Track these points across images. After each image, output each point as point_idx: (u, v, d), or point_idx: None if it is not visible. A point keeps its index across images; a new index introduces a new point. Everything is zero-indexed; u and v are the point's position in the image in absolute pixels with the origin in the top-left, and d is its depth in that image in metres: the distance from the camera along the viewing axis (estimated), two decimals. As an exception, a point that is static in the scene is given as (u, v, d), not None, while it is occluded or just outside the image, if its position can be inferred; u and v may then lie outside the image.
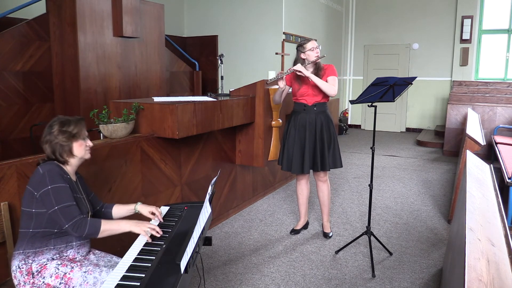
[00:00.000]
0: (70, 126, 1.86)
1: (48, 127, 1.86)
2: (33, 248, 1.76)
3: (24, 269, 1.73)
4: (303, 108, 3.28)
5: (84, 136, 1.90)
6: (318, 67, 3.23)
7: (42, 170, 1.75)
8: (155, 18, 5.21)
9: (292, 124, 3.33)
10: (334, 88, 3.17)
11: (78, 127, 1.88)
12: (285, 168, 3.37)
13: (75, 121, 1.88)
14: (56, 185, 1.73)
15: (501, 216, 1.85)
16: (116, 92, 4.75)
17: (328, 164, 3.28)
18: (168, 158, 3.11)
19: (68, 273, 1.74)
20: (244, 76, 6.85)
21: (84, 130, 1.92)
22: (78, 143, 1.86)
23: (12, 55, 4.16)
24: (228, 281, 2.78)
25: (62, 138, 1.83)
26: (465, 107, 6.73)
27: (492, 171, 2.66)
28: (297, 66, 3.12)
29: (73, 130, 1.85)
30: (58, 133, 1.83)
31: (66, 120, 1.87)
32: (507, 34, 8.43)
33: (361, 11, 9.73)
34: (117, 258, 1.95)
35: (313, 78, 3.12)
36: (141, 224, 1.84)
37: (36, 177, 1.76)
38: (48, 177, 1.73)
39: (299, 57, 3.25)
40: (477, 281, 1.19)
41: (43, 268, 1.74)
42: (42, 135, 1.85)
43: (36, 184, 1.74)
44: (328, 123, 3.29)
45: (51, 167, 1.77)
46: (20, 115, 4.29)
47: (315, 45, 3.20)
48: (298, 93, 3.28)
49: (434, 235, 3.55)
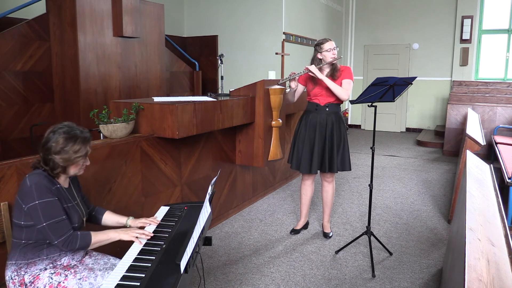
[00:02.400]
0: (75, 145, 1.71)
1: (51, 133, 1.72)
2: (25, 259, 1.71)
3: (17, 281, 1.70)
4: (315, 108, 3.27)
5: (85, 157, 1.77)
6: (335, 68, 3.21)
7: (29, 183, 1.66)
8: (155, 18, 5.22)
9: (303, 123, 3.33)
10: (347, 93, 3.16)
11: (82, 149, 1.74)
12: (294, 166, 3.37)
13: (81, 140, 1.74)
14: (44, 200, 1.65)
15: (501, 216, 1.85)
16: (116, 92, 4.75)
17: (336, 166, 3.25)
18: (168, 158, 3.11)
19: (62, 281, 1.71)
20: (244, 76, 6.85)
21: (88, 150, 1.78)
22: (75, 165, 1.76)
23: (12, 55, 4.16)
24: (228, 281, 2.78)
25: (60, 157, 1.70)
26: (465, 107, 6.73)
27: (492, 171, 2.66)
28: (311, 67, 3.12)
29: (75, 152, 1.72)
30: (59, 150, 1.69)
31: (73, 136, 1.72)
32: (507, 34, 8.43)
33: (361, 11, 9.73)
34: (115, 259, 1.93)
35: (325, 80, 3.12)
36: (129, 231, 1.83)
37: (23, 189, 1.68)
38: (35, 191, 1.65)
39: (316, 56, 3.24)
40: (477, 281, 1.19)
41: (36, 278, 1.70)
42: (44, 137, 1.73)
43: (23, 197, 1.67)
44: (340, 124, 3.27)
45: (39, 180, 1.67)
46: (20, 115, 4.29)
47: (333, 46, 3.17)
48: (312, 93, 3.28)
49: (434, 235, 3.55)
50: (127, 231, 1.83)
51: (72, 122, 1.81)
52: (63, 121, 1.80)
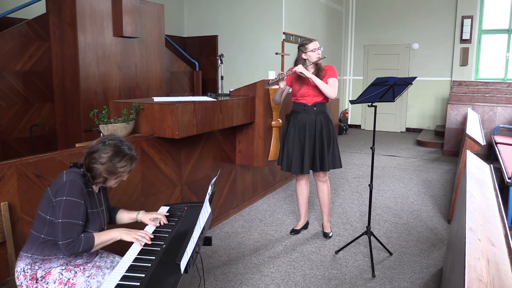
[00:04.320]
0: (121, 161, 1.77)
1: (100, 143, 1.77)
2: (42, 255, 1.74)
3: (29, 274, 1.72)
4: (303, 108, 3.28)
5: (128, 173, 1.83)
6: (319, 68, 3.23)
7: (65, 179, 1.71)
8: (155, 18, 5.21)
9: (291, 124, 3.33)
10: (334, 91, 3.18)
11: (127, 167, 1.79)
12: (284, 168, 3.37)
13: (128, 158, 1.79)
14: (71, 199, 1.69)
15: (501, 216, 1.85)
16: (116, 92, 4.75)
17: (328, 165, 3.28)
18: (168, 158, 3.11)
19: (72, 278, 1.74)
20: (244, 76, 6.85)
21: (132, 168, 1.83)
22: (114, 178, 1.81)
23: (12, 55, 4.15)
24: (228, 281, 2.78)
25: (104, 169, 1.75)
26: (465, 107, 6.73)
27: (492, 171, 2.66)
28: (299, 67, 3.13)
29: (120, 168, 1.77)
30: (105, 161, 1.74)
31: (122, 153, 1.78)
32: (507, 34, 8.43)
33: (361, 11, 9.73)
34: (120, 257, 1.94)
35: (314, 79, 3.12)
36: (131, 232, 1.83)
37: (58, 183, 1.72)
38: (68, 188, 1.69)
39: (300, 57, 3.25)
40: (477, 281, 1.19)
41: (47, 273, 1.73)
42: (92, 145, 1.78)
43: (56, 191, 1.71)
44: (328, 124, 3.29)
45: (75, 179, 1.73)
46: (20, 115, 4.29)
47: (317, 46, 3.19)
48: (298, 93, 3.28)
49: (434, 235, 3.55)
50: (129, 231, 1.83)
51: (123, 137, 1.87)
52: (112, 134, 1.88)
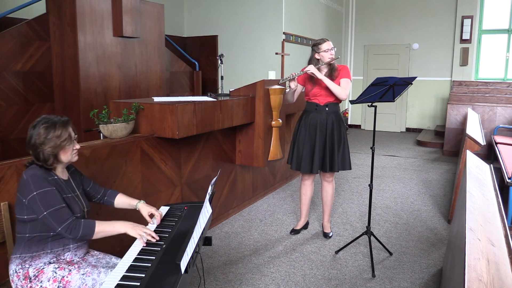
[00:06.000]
0: (56, 130, 1.73)
1: (31, 128, 1.74)
2: (30, 252, 1.73)
3: (21, 274, 1.72)
4: (315, 107, 3.27)
5: (71, 140, 1.78)
6: (332, 68, 3.22)
7: (25, 176, 1.70)
8: (155, 18, 5.21)
9: (303, 124, 3.33)
10: (346, 92, 3.17)
11: (64, 132, 1.75)
12: (294, 167, 3.37)
13: (60, 124, 1.75)
14: (42, 190, 1.68)
15: (501, 216, 1.85)
16: (116, 92, 4.75)
17: (337, 165, 3.26)
18: (168, 158, 3.11)
19: (66, 276, 1.72)
20: (244, 76, 6.85)
21: (71, 133, 1.79)
22: (64, 150, 1.76)
23: (12, 55, 4.15)
24: (228, 281, 2.78)
25: (47, 147, 1.72)
26: (465, 107, 6.73)
27: (492, 171, 2.66)
28: (310, 67, 3.13)
29: (58, 137, 1.73)
30: (43, 140, 1.71)
31: (52, 123, 1.74)
32: (507, 34, 8.43)
33: (361, 11, 9.72)
34: (116, 258, 1.93)
35: (325, 80, 3.12)
36: (137, 227, 1.80)
37: (21, 184, 1.71)
38: (32, 183, 1.68)
39: (313, 56, 3.25)
40: (477, 281, 1.19)
41: (40, 272, 1.72)
42: (27, 136, 1.74)
43: (22, 190, 1.70)
44: (339, 124, 3.28)
45: (34, 172, 1.71)
46: (20, 115, 4.29)
47: (330, 46, 3.18)
48: (311, 93, 3.28)
49: (434, 235, 3.55)
50: (135, 226, 1.80)
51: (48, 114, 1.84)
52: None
